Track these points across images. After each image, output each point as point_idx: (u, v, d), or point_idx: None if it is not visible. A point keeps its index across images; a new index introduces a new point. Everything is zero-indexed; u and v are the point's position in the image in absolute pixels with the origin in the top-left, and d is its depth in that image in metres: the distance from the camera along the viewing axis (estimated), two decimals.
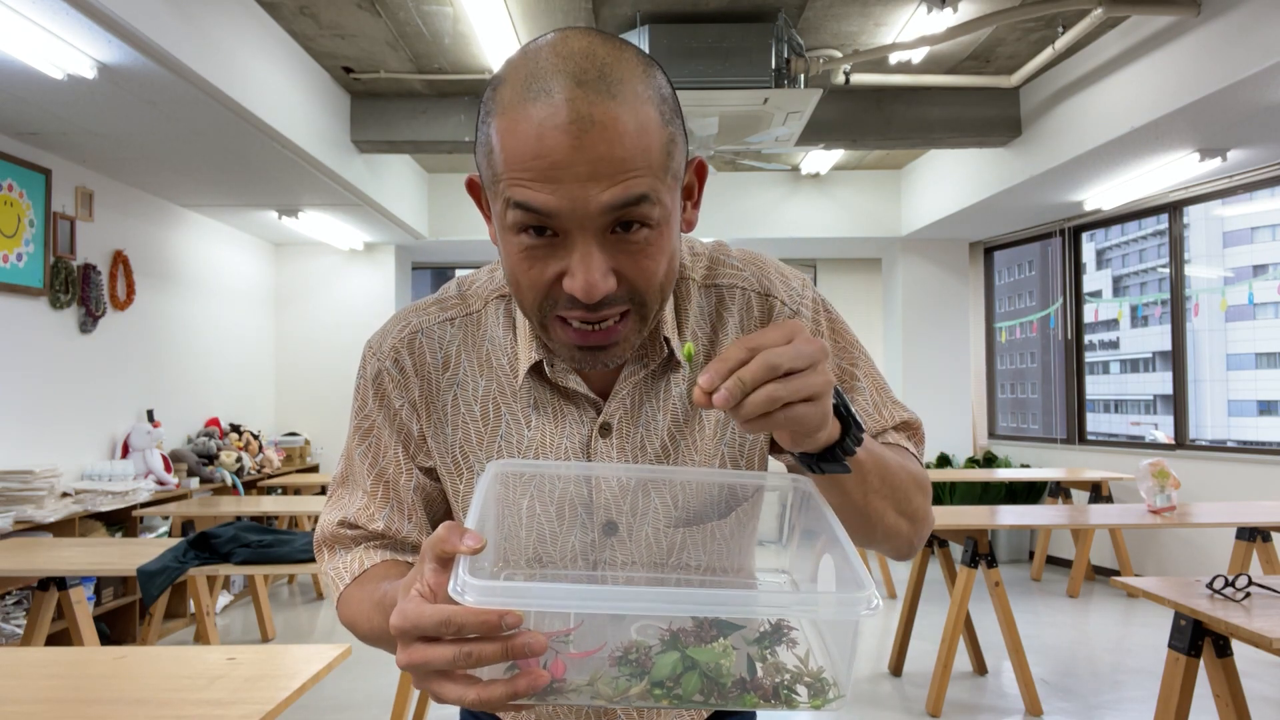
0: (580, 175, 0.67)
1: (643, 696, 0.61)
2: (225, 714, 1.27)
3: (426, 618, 0.56)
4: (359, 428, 0.91)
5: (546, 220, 0.69)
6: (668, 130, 0.71)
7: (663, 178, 0.71)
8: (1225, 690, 2.20)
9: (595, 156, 0.66)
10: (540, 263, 0.71)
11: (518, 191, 0.68)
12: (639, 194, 0.68)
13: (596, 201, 0.67)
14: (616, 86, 0.68)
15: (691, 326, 0.88)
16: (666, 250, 0.73)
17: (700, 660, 0.61)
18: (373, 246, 6.74)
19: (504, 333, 0.88)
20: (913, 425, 0.96)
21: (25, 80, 3.21)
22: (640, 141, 0.68)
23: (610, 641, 0.62)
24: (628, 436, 0.85)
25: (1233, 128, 3.92)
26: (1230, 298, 5.95)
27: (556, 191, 0.67)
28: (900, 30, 3.95)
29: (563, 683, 0.61)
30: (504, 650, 0.55)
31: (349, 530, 0.91)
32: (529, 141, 0.67)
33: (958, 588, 3.48)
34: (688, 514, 0.84)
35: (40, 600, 2.88)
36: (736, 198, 6.42)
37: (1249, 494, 4.82)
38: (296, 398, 6.72)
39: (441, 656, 0.56)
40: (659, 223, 0.71)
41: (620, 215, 0.69)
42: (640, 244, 0.71)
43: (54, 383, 4.28)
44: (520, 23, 3.81)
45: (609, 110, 0.67)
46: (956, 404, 6.82)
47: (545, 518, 0.82)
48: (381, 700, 3.51)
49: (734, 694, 0.61)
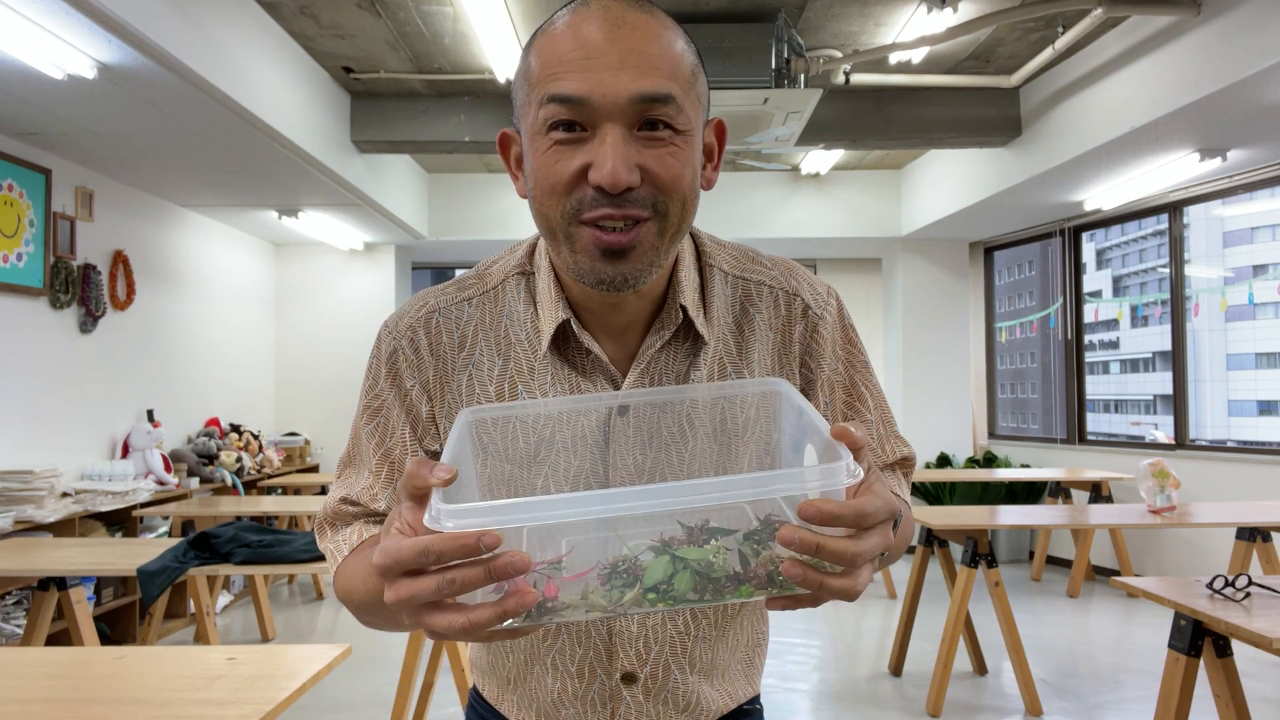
0: (611, 63, 0.71)
1: (637, 602, 0.61)
2: (225, 714, 1.27)
3: (406, 550, 0.55)
4: (368, 406, 0.91)
5: (577, 110, 0.72)
6: (693, 60, 0.77)
7: (688, 91, 0.75)
8: (1225, 690, 2.20)
9: (626, 48, 0.72)
10: (567, 157, 0.73)
11: (552, 85, 0.72)
12: (666, 92, 0.72)
13: (626, 88, 0.71)
14: (649, 8, 0.75)
15: (716, 311, 0.88)
16: (690, 161, 0.76)
17: (690, 558, 0.61)
18: (373, 246, 6.75)
19: (524, 308, 0.88)
20: (909, 462, 0.98)
21: (25, 80, 3.21)
22: (669, 51, 0.74)
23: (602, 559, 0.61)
24: (645, 416, 0.84)
25: (1233, 128, 3.92)
26: (1230, 298, 5.95)
27: (589, 79, 0.71)
28: (900, 30, 3.95)
29: (555, 601, 0.60)
30: (486, 572, 0.54)
31: (351, 507, 0.91)
32: (566, 42, 0.73)
33: (958, 588, 3.48)
34: None
35: (40, 600, 2.88)
36: (736, 198, 6.42)
37: (1249, 494, 4.82)
38: (296, 398, 6.72)
39: (425, 587, 0.55)
40: (683, 130, 0.74)
41: (646, 110, 0.72)
42: (665, 142, 0.74)
43: (54, 383, 4.28)
44: (520, 23, 3.81)
45: (640, 17, 0.74)
46: (956, 404, 6.82)
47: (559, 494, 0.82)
48: (381, 700, 3.51)
49: (729, 588, 0.61)
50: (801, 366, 0.91)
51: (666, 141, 0.74)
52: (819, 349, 0.90)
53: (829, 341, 0.91)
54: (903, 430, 6.66)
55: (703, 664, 0.92)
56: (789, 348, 0.90)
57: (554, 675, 0.91)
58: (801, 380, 0.91)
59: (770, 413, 0.80)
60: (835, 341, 0.92)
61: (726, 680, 0.96)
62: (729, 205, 6.41)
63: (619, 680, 0.90)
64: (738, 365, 0.88)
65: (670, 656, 0.90)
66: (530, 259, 0.90)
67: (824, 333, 0.90)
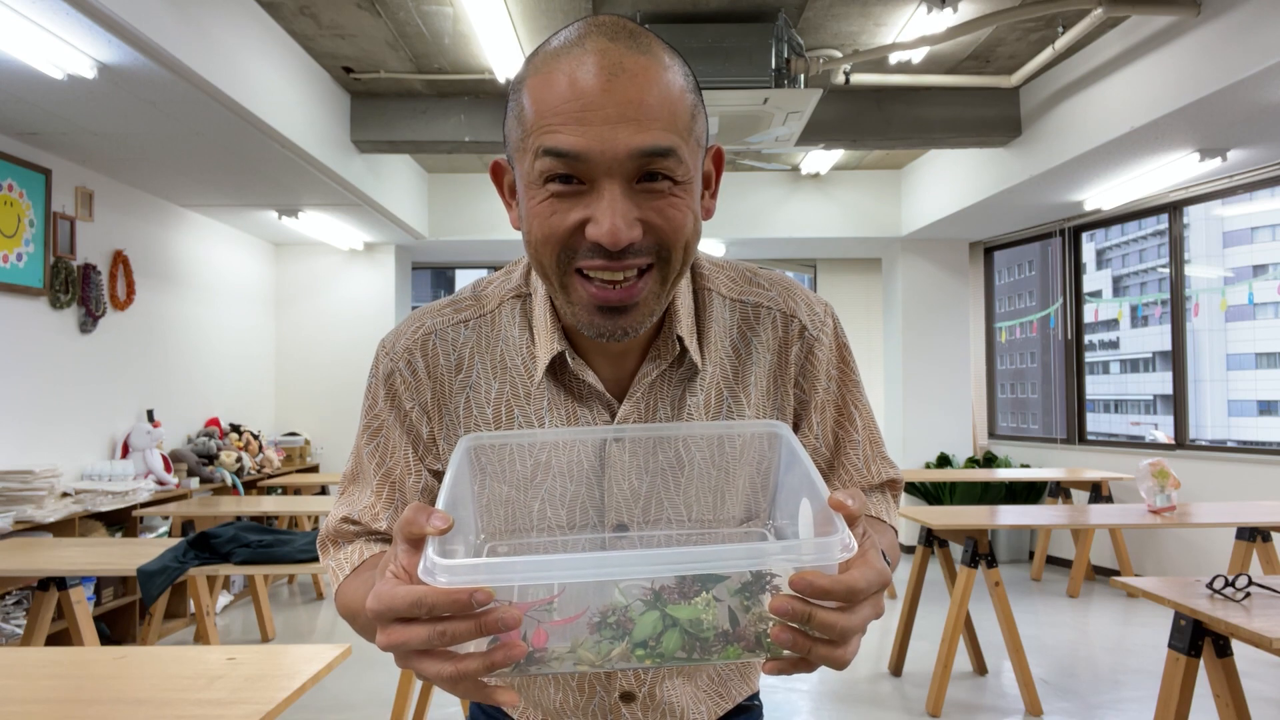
0: (610, 117, 0.69)
1: (625, 658, 0.61)
2: (225, 714, 1.27)
3: (399, 599, 0.56)
4: (368, 426, 0.91)
5: (574, 165, 0.70)
6: (692, 98, 0.74)
7: (687, 139, 0.72)
8: (1225, 690, 2.20)
9: (624, 100, 0.69)
10: (564, 210, 0.72)
11: (547, 138, 0.70)
12: (666, 146, 0.70)
13: (625, 144, 0.69)
14: (645, 46, 0.71)
15: (713, 337, 0.88)
16: (691, 207, 0.74)
17: (680, 618, 0.61)
18: (373, 246, 6.75)
19: (519, 333, 0.87)
20: (897, 484, 0.97)
21: (25, 80, 3.21)
22: (668, 96, 0.71)
23: (593, 606, 0.61)
24: (642, 442, 0.84)
25: (1233, 128, 3.92)
26: (1230, 298, 5.95)
27: (586, 133, 0.69)
28: (900, 30, 3.95)
29: (544, 651, 0.61)
30: (477, 627, 0.55)
31: (352, 527, 0.91)
32: (560, 89, 0.70)
33: (958, 588, 3.48)
34: (699, 523, 0.84)
35: (40, 600, 2.88)
36: (736, 198, 6.42)
37: (1249, 494, 4.82)
38: (296, 398, 6.72)
39: (417, 636, 0.56)
40: (683, 180, 0.73)
41: (646, 164, 0.70)
42: (665, 194, 0.72)
43: (54, 383, 4.28)
44: (520, 23, 3.81)
45: (639, 61, 0.70)
46: (956, 404, 6.82)
47: (556, 518, 0.82)
48: (381, 700, 3.51)
49: (717, 647, 0.61)
50: (795, 387, 0.90)
51: (666, 193, 0.72)
52: (814, 370, 0.90)
53: (824, 362, 0.91)
54: (903, 430, 6.71)
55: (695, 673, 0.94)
56: (784, 369, 0.90)
57: (556, 687, 0.92)
58: (795, 401, 0.91)
59: (765, 435, 0.80)
60: (830, 361, 0.91)
61: (720, 683, 0.97)
62: (729, 205, 6.41)
63: (618, 698, 0.91)
64: (734, 389, 0.88)
65: (666, 672, 0.91)
66: (526, 281, 0.90)
67: (819, 354, 0.90)
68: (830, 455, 0.93)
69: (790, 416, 0.91)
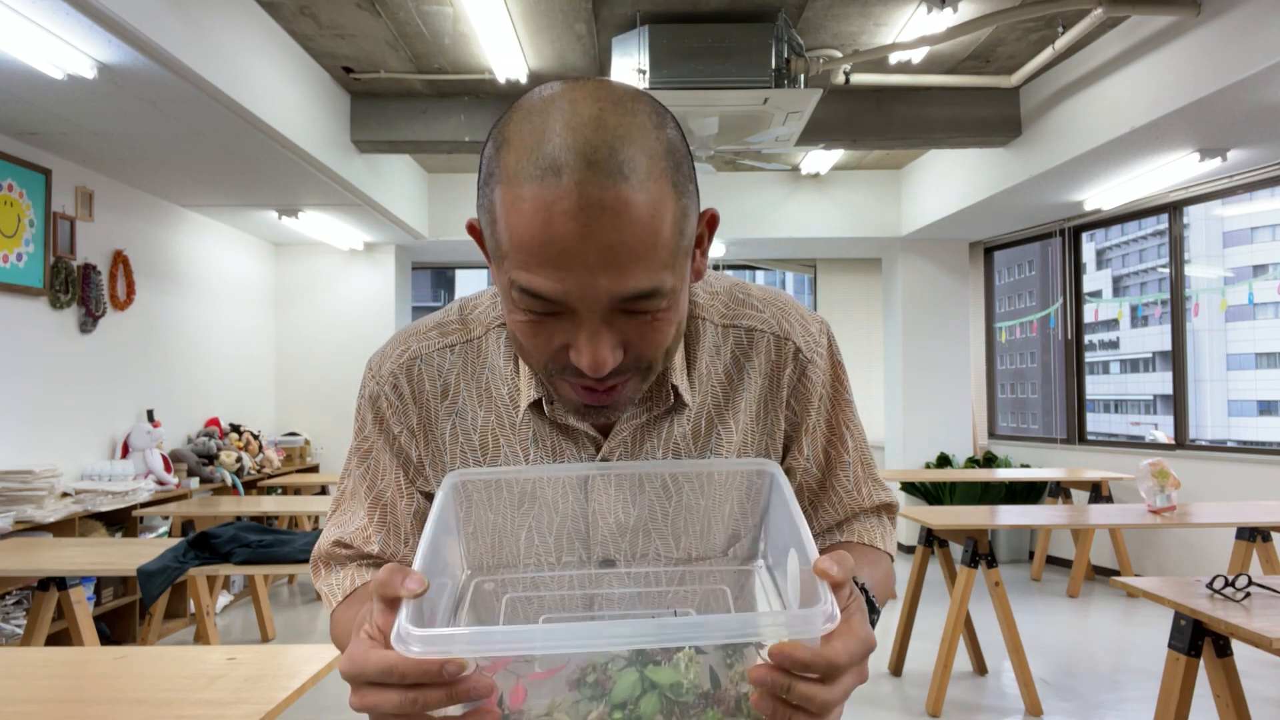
0: (589, 263, 0.64)
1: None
2: (225, 714, 1.27)
3: (371, 665, 0.56)
4: (358, 448, 0.90)
5: (552, 305, 0.67)
6: (680, 203, 0.67)
7: (673, 264, 0.68)
8: (1225, 690, 2.20)
9: (605, 245, 0.63)
10: (545, 334, 0.70)
11: (522, 276, 0.66)
12: (649, 289, 0.66)
13: (606, 290, 0.65)
14: (629, 165, 0.63)
15: (702, 368, 0.86)
16: (676, 320, 0.72)
17: (660, 681, 0.60)
18: (373, 246, 6.75)
19: (505, 363, 0.86)
20: (890, 508, 0.95)
21: (25, 80, 3.21)
22: (652, 227, 0.65)
23: (573, 660, 0.61)
24: (626, 478, 0.83)
25: (1233, 128, 3.92)
26: (1230, 298, 5.95)
27: (564, 280, 0.65)
28: (900, 30, 3.95)
29: (520, 713, 0.60)
30: (449, 695, 0.55)
31: (344, 550, 0.90)
32: (535, 226, 0.64)
33: (958, 588, 3.48)
34: (687, 555, 0.83)
35: (40, 600, 2.88)
36: (736, 198, 6.42)
37: (1249, 494, 4.82)
38: (296, 398, 6.72)
39: (389, 701, 0.56)
40: (668, 302, 0.70)
41: (628, 304, 0.67)
42: (648, 319, 0.69)
43: (54, 383, 4.28)
44: (520, 23, 3.81)
45: (620, 194, 0.63)
46: (956, 404, 6.82)
47: (543, 549, 0.81)
48: None
49: (696, 710, 0.61)
50: (787, 409, 0.89)
51: (650, 319, 0.69)
52: (807, 392, 0.89)
53: (818, 384, 0.89)
54: (903, 430, 6.71)
55: None
56: (776, 393, 0.88)
57: None
58: (786, 423, 0.89)
59: (758, 474, 0.80)
60: (824, 383, 0.90)
61: None
62: (729, 205, 6.41)
63: None
64: (722, 416, 0.86)
65: None
66: None
67: (813, 376, 0.88)
68: (821, 476, 0.92)
69: (780, 439, 0.89)
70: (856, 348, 7.51)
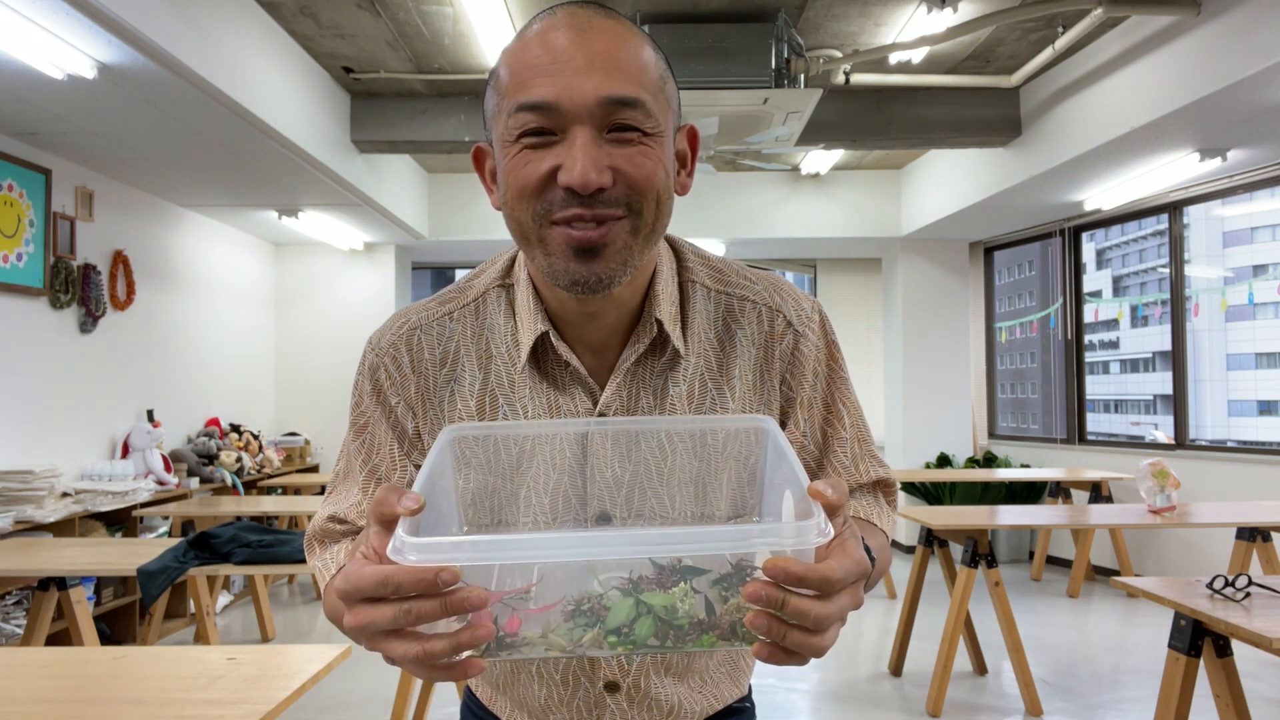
0: (579, 67, 0.72)
1: (596, 644, 0.60)
2: (225, 714, 1.27)
3: (366, 579, 0.56)
4: (355, 423, 0.91)
5: (546, 116, 0.72)
6: (662, 67, 0.78)
7: (656, 96, 0.75)
8: (1225, 690, 2.20)
9: (593, 52, 0.72)
10: (536, 160, 0.74)
11: (521, 94, 0.73)
12: (634, 96, 0.73)
13: (594, 91, 0.71)
14: (614, 15, 0.76)
15: (696, 328, 0.88)
16: (662, 162, 0.76)
17: (654, 604, 0.60)
18: (373, 246, 6.75)
19: (504, 320, 0.88)
20: (888, 484, 0.96)
21: (25, 80, 3.21)
22: (636, 56, 0.74)
23: (569, 595, 0.61)
24: (624, 433, 0.84)
25: (1233, 128, 3.92)
26: (1230, 298, 5.95)
27: (556, 83, 0.72)
28: (900, 30, 3.95)
29: (515, 636, 0.60)
30: (443, 606, 0.55)
31: (338, 525, 0.90)
32: (533, 48, 0.74)
33: (958, 588, 3.48)
34: (684, 516, 0.83)
35: (40, 600, 2.88)
36: (736, 198, 6.42)
37: (1249, 494, 4.82)
38: (296, 398, 6.72)
39: (383, 616, 0.56)
40: (653, 134, 0.75)
41: (615, 114, 0.72)
42: (635, 143, 0.74)
43: (54, 383, 4.27)
44: (520, 23, 3.81)
45: (608, 24, 0.75)
46: (956, 404, 6.82)
47: (539, 508, 0.82)
48: (381, 700, 3.51)
49: (691, 636, 0.61)
50: (782, 384, 0.90)
51: (636, 141, 0.74)
52: (800, 366, 0.90)
53: (810, 359, 0.90)
54: (903, 430, 6.71)
55: (681, 670, 0.93)
56: (770, 364, 0.89)
57: (540, 682, 0.91)
58: (781, 397, 0.90)
59: (751, 430, 0.80)
60: (817, 359, 0.91)
61: (710, 684, 0.96)
62: (729, 205, 6.41)
63: (602, 688, 0.90)
64: (718, 382, 0.88)
65: (650, 665, 0.91)
66: (510, 271, 0.90)
67: (805, 350, 0.90)
68: (818, 453, 0.93)
69: (777, 413, 0.90)
70: (856, 348, 7.52)
